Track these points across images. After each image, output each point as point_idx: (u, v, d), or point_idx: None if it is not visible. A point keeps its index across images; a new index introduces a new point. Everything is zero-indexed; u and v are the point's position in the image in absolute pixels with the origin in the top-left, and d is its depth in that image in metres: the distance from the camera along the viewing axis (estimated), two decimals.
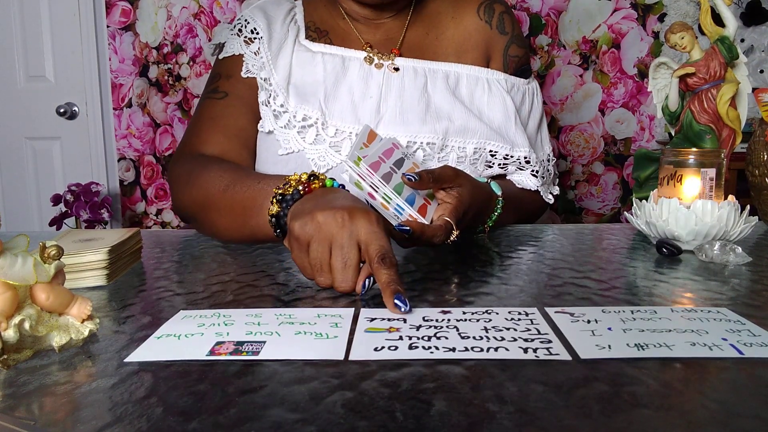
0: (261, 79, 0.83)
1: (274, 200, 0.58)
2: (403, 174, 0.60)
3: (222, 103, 0.83)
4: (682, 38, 0.74)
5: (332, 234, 0.50)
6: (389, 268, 0.47)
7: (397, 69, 0.84)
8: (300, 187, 0.58)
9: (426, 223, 0.60)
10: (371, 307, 0.47)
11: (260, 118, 0.83)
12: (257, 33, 0.84)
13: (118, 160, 2.33)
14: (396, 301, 0.45)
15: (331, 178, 0.60)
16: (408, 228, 0.57)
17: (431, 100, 0.82)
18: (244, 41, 0.85)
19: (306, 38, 0.85)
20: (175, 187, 0.78)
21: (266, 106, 0.81)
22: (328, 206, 0.52)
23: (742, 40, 2.06)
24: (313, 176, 0.59)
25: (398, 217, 0.61)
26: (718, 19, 0.74)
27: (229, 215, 0.68)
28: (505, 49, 0.89)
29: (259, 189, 0.65)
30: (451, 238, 0.61)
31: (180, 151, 0.82)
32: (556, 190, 0.93)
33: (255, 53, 0.84)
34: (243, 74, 0.83)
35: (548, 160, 0.91)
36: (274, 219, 0.58)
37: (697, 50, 0.74)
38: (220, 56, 0.87)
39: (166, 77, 2.25)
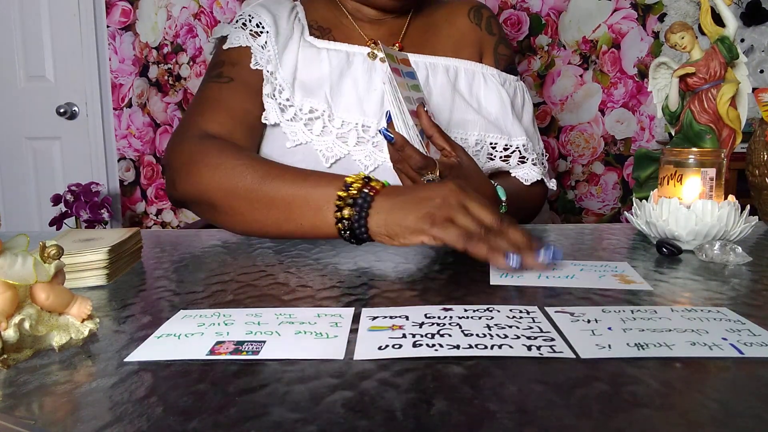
0: (267, 72, 0.83)
1: (343, 203, 0.59)
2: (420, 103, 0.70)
3: (227, 87, 0.81)
4: (682, 38, 0.74)
5: (465, 203, 0.56)
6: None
7: None
8: (366, 189, 0.59)
9: (410, 143, 0.64)
10: (372, 306, 0.47)
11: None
12: (263, 27, 0.84)
13: (118, 160, 2.33)
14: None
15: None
16: (392, 137, 0.62)
17: (432, 92, 0.85)
18: (251, 34, 0.84)
19: (310, 35, 0.86)
20: (188, 169, 0.72)
21: (272, 98, 0.81)
22: (431, 189, 0.59)
23: (742, 40, 2.06)
24: (366, 178, 0.61)
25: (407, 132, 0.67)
26: (718, 19, 0.74)
27: (266, 209, 0.66)
28: (495, 48, 0.95)
29: (309, 188, 0.64)
30: (426, 176, 0.65)
31: (182, 132, 0.77)
32: (554, 182, 0.94)
33: (262, 47, 0.83)
34: (252, 66, 0.82)
35: (542, 155, 0.95)
36: (347, 222, 0.59)
37: (697, 50, 0.74)
38: (225, 47, 0.85)
39: (166, 77, 2.25)
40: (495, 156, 0.87)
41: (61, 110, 2.24)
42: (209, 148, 0.72)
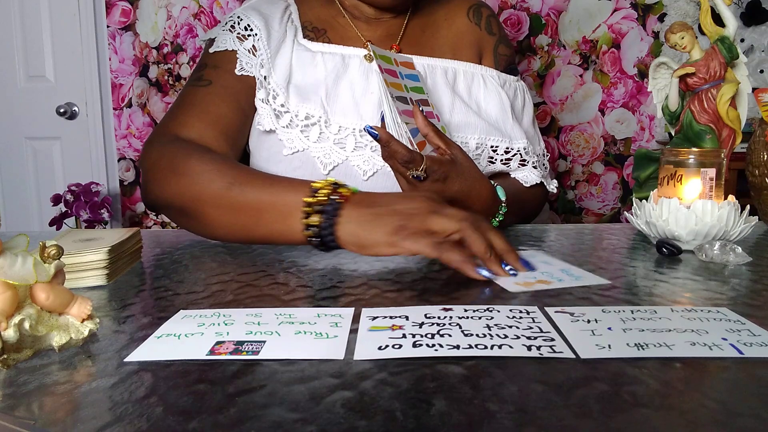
0: (261, 77, 0.81)
1: (311, 210, 0.59)
2: (417, 103, 0.71)
3: (204, 91, 0.79)
4: (682, 38, 0.74)
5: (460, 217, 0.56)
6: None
7: None
8: (335, 197, 0.59)
9: (397, 139, 0.65)
10: (372, 306, 0.47)
11: (247, 112, 0.81)
12: (252, 30, 0.82)
13: (118, 160, 2.33)
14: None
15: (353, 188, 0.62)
16: (377, 133, 0.63)
17: (431, 95, 0.84)
18: (238, 38, 0.83)
19: (304, 38, 0.85)
20: (156, 175, 0.72)
21: (266, 104, 0.80)
22: (403, 201, 0.59)
23: (742, 40, 2.06)
24: (335, 184, 0.60)
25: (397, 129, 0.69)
26: (718, 19, 0.74)
27: (234, 215, 0.65)
28: (495, 48, 0.93)
29: (276, 194, 0.63)
30: (412, 171, 0.65)
31: (156, 135, 0.77)
32: (555, 183, 0.94)
33: (250, 51, 0.82)
34: (237, 71, 0.81)
35: (543, 155, 0.95)
36: (315, 229, 0.59)
37: (697, 50, 0.74)
38: (210, 50, 0.84)
39: (166, 77, 2.25)
40: (496, 159, 0.86)
41: (61, 110, 2.25)
42: (177, 152, 0.71)
